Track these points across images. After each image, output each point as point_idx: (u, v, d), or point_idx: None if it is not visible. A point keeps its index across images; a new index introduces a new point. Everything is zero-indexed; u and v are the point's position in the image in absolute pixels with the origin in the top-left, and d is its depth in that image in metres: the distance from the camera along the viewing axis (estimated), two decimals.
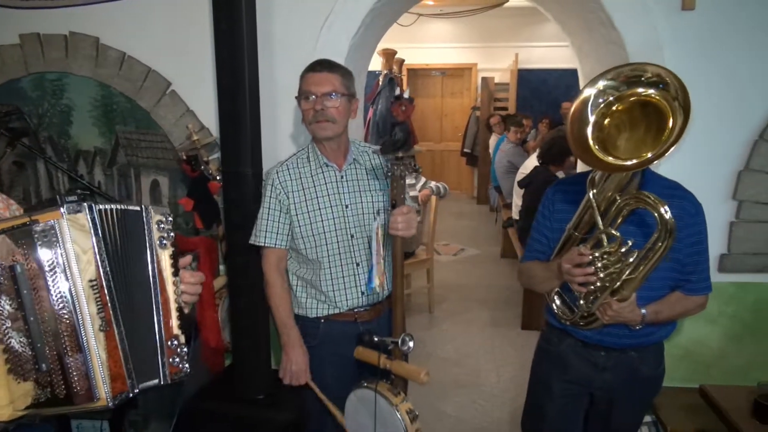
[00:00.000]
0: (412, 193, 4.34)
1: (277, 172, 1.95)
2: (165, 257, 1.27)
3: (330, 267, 1.95)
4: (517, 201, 4.81)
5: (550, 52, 8.17)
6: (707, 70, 2.34)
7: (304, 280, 2.01)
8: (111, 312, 1.17)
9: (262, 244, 1.96)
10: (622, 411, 1.84)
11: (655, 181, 1.73)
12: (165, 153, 2.66)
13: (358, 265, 1.97)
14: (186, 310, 1.31)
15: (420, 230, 1.91)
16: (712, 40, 2.31)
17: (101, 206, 1.20)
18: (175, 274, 1.28)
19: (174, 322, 1.27)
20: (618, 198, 1.53)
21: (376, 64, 5.73)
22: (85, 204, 1.17)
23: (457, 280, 5.45)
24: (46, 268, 1.12)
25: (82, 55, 2.59)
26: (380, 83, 5.19)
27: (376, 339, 1.86)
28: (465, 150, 8.85)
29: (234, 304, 2.30)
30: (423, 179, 4.62)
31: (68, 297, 1.13)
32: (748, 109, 2.34)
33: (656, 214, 1.45)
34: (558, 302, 1.74)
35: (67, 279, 1.13)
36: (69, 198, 1.16)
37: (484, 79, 8.46)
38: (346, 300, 1.97)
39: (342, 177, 1.96)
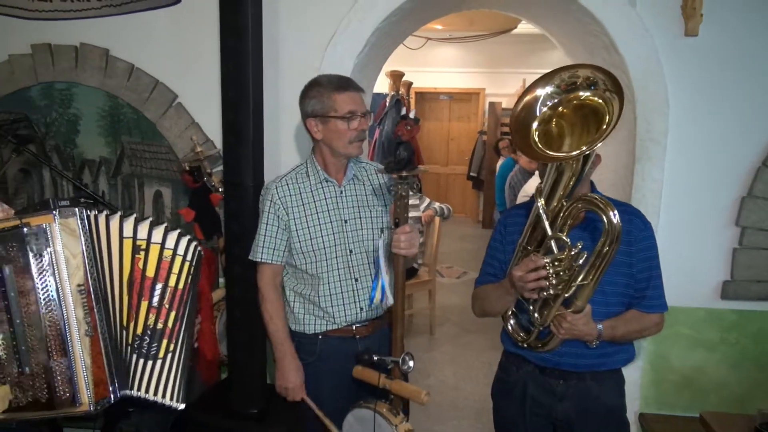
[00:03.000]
0: (414, 214, 4.34)
1: (276, 188, 1.93)
2: None
3: (329, 283, 1.94)
4: None
5: None
6: (710, 96, 2.34)
7: (302, 296, 1.99)
8: (97, 317, 1.17)
9: (260, 260, 1.96)
10: None
11: None
12: (168, 164, 2.68)
13: (356, 280, 1.96)
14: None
15: (420, 249, 1.90)
16: (716, 67, 2.32)
17: (93, 212, 1.21)
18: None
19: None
20: (565, 203, 1.53)
21: (384, 84, 5.80)
22: (76, 209, 1.17)
23: (458, 303, 5.40)
24: (35, 272, 1.11)
25: (91, 66, 2.63)
26: (387, 104, 5.24)
27: (375, 358, 1.81)
28: (471, 174, 8.86)
29: (231, 316, 2.28)
30: (427, 200, 4.62)
31: (56, 301, 1.12)
32: (750, 135, 2.34)
33: (605, 218, 1.44)
34: (513, 323, 1.72)
35: (55, 283, 1.12)
36: (61, 202, 1.16)
37: (491, 104, 8.50)
38: (345, 315, 1.95)
39: (341, 192, 1.96)
